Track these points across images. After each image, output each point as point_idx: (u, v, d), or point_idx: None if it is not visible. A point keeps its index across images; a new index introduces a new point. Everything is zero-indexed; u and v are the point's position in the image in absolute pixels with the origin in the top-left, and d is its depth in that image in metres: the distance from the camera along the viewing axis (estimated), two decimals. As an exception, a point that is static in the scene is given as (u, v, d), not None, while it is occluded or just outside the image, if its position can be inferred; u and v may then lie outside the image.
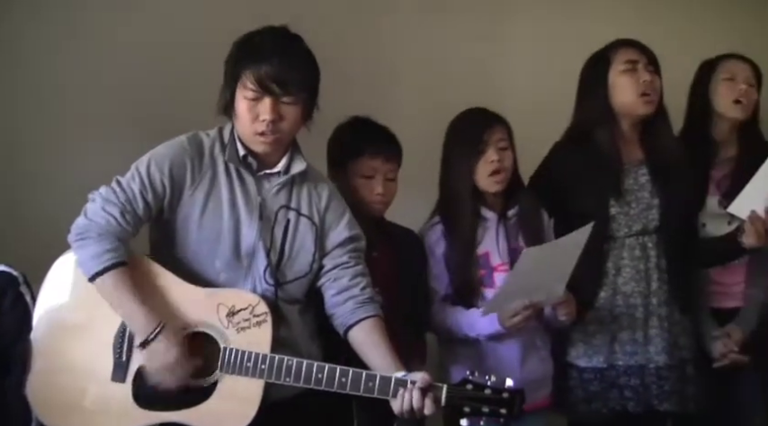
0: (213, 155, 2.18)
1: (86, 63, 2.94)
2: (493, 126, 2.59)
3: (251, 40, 2.14)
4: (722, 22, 3.82)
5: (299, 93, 2.11)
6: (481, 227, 2.62)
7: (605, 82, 2.72)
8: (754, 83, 2.95)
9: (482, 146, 2.57)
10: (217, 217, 2.14)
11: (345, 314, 2.20)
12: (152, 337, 2.02)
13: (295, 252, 2.20)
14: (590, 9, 3.63)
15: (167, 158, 2.14)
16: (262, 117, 2.10)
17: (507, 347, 2.57)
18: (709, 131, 2.97)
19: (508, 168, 2.59)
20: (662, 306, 2.69)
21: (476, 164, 2.57)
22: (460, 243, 2.59)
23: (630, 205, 2.70)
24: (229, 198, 2.15)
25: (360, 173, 2.52)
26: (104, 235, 2.07)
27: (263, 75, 2.07)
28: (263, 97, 2.09)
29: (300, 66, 2.13)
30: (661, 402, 2.66)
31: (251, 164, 2.18)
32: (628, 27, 3.35)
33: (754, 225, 2.56)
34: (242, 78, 2.10)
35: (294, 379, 2.03)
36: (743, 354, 2.85)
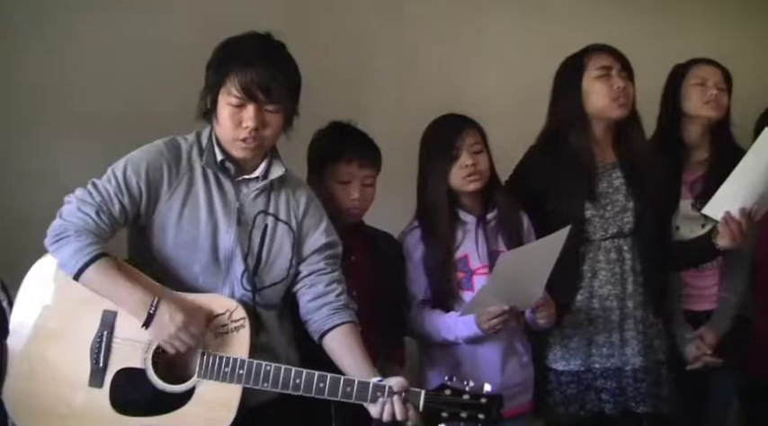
0: (191, 159, 2.17)
1: (68, 63, 2.91)
2: (465, 130, 2.60)
3: (235, 46, 2.14)
4: (694, 27, 3.86)
5: (282, 100, 2.11)
6: (461, 230, 2.63)
7: (579, 87, 2.74)
8: (725, 87, 2.98)
9: (455, 151, 2.58)
10: (194, 221, 2.13)
11: (320, 320, 2.20)
12: (153, 311, 2.01)
13: (272, 257, 2.19)
14: (562, 12, 3.65)
15: (144, 162, 2.13)
16: (245, 123, 2.10)
17: (487, 351, 2.59)
18: (681, 135, 3.01)
19: (484, 171, 2.60)
20: (637, 309, 2.71)
21: (450, 170, 2.58)
22: (438, 246, 2.60)
23: (605, 208, 2.72)
24: (207, 202, 2.15)
25: (336, 179, 2.52)
26: (82, 232, 2.05)
27: (249, 81, 2.07)
28: (247, 104, 2.09)
29: (285, 73, 2.13)
30: (638, 404, 2.68)
31: (229, 169, 2.17)
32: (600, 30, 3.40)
33: (729, 226, 2.58)
34: (226, 84, 2.09)
35: (272, 385, 2.03)
36: (716, 356, 2.88)
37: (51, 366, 2.10)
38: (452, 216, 2.62)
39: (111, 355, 2.07)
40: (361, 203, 2.56)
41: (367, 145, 2.59)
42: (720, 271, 2.98)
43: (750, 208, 2.55)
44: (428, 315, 2.60)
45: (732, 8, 4.02)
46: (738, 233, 2.58)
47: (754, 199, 2.54)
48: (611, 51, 2.77)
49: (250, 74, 2.07)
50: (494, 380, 2.47)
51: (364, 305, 2.45)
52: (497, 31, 3.54)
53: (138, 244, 2.17)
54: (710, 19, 3.92)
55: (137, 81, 2.95)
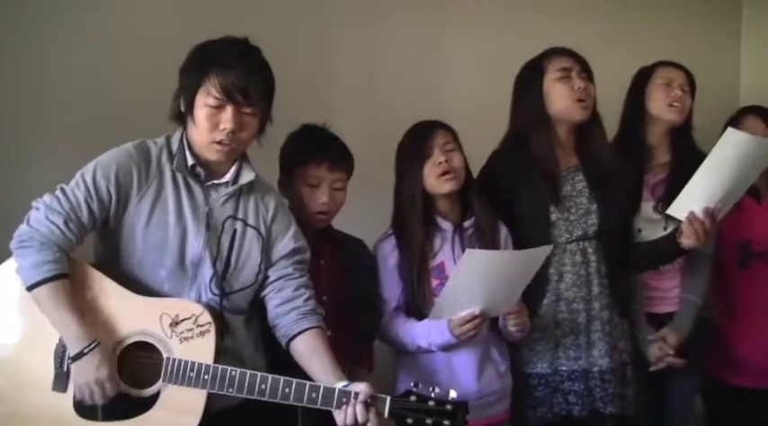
0: (160, 163, 2.16)
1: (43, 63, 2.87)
2: (436, 131, 2.61)
3: (214, 49, 2.13)
4: (656, 32, 3.90)
5: (260, 103, 2.12)
6: (439, 238, 2.62)
7: (540, 89, 2.76)
8: (688, 89, 3.02)
9: (427, 150, 2.58)
10: (163, 226, 2.12)
11: (288, 324, 2.20)
12: (86, 351, 2.00)
13: (241, 262, 2.19)
14: (530, 16, 3.67)
15: (113, 166, 2.11)
16: (222, 125, 2.09)
17: (462, 359, 2.58)
18: (643, 137, 3.04)
19: (457, 168, 2.59)
20: (603, 311, 2.73)
21: (423, 169, 2.58)
22: (413, 253, 2.58)
23: (570, 211, 2.73)
24: (176, 207, 2.13)
25: (305, 181, 2.51)
26: (46, 244, 2.04)
27: (229, 83, 2.06)
28: (226, 105, 2.08)
29: (262, 77, 2.13)
30: (605, 405, 2.70)
31: (199, 174, 2.16)
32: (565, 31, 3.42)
33: (693, 225, 2.61)
34: (205, 85, 2.08)
35: (237, 390, 2.03)
36: (678, 357, 2.92)
37: (15, 369, 2.08)
38: (429, 222, 2.61)
39: (74, 360, 2.05)
40: (330, 207, 2.53)
41: (338, 148, 2.57)
42: (682, 273, 3.02)
43: (713, 207, 2.57)
44: (402, 322, 2.58)
45: (694, 14, 4.06)
46: (702, 232, 2.60)
47: (717, 198, 2.57)
48: (570, 53, 2.79)
49: (230, 76, 2.07)
50: (470, 388, 2.53)
51: (333, 309, 2.47)
52: (468, 35, 3.54)
53: (105, 247, 2.16)
54: (673, 24, 3.96)
55: (110, 82, 2.91)
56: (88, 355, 2.01)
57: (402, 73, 3.39)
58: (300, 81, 3.07)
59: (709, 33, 4.15)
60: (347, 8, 3.31)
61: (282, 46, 2.96)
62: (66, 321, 2.02)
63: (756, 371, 2.95)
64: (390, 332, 2.60)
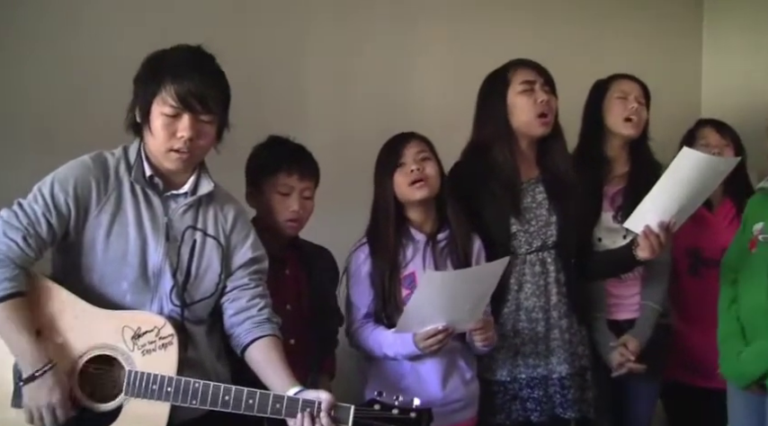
0: (119, 174, 2.14)
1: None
2: (409, 141, 2.63)
3: (169, 57, 2.12)
4: (613, 45, 3.95)
5: (217, 111, 2.11)
6: (411, 248, 2.63)
7: (504, 101, 2.78)
8: (644, 102, 3.07)
9: (400, 159, 2.60)
10: (123, 238, 2.11)
11: (242, 334, 2.19)
12: (38, 374, 1.98)
13: (201, 272, 2.18)
14: (500, 23, 3.71)
15: (71, 179, 2.09)
16: (179, 134, 2.09)
17: (428, 367, 2.59)
18: (602, 149, 3.09)
19: (430, 176, 2.61)
20: (562, 319, 2.77)
21: (395, 177, 2.60)
22: (384, 262, 2.60)
23: (530, 222, 2.76)
24: (135, 218, 2.12)
25: (276, 190, 2.53)
26: (4, 261, 2.01)
27: (186, 91, 2.06)
28: (182, 114, 2.08)
29: (218, 85, 2.13)
30: (565, 410, 2.73)
31: (157, 185, 2.15)
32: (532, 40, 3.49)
33: (649, 239, 2.64)
34: (161, 93, 2.07)
35: (201, 402, 2.02)
36: (639, 363, 2.95)
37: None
38: (401, 232, 2.63)
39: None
40: (301, 215, 2.56)
41: (306, 158, 2.61)
42: (642, 281, 3.07)
43: (668, 221, 2.61)
44: (371, 330, 2.60)
45: (655, 26, 4.12)
46: (657, 245, 2.64)
47: (672, 213, 2.61)
48: (533, 66, 2.81)
49: (186, 84, 2.07)
50: (435, 395, 2.55)
51: (296, 317, 2.49)
52: (437, 43, 3.57)
53: (64, 261, 2.14)
54: (635, 36, 4.02)
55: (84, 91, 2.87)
56: (40, 378, 1.98)
57: (371, 81, 3.40)
58: (269, 90, 3.08)
59: (671, 45, 4.22)
60: (317, 16, 3.31)
61: (251, 54, 3.01)
62: (21, 342, 1.99)
63: (713, 373, 3.00)
64: (359, 339, 2.62)
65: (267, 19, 3.20)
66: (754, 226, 2.89)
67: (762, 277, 2.80)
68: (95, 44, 2.85)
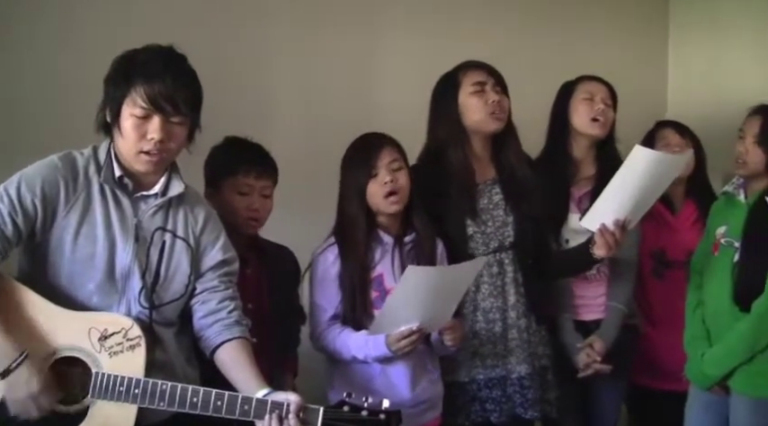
0: (88, 175, 2.12)
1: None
2: (383, 148, 2.61)
3: (139, 58, 2.10)
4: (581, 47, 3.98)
5: (187, 112, 2.10)
6: (379, 250, 2.63)
7: (456, 103, 2.80)
8: (611, 103, 3.10)
9: (374, 170, 2.59)
10: (91, 238, 2.09)
11: (211, 336, 2.19)
12: (14, 366, 1.96)
13: (171, 274, 2.17)
14: (467, 25, 3.71)
15: (39, 178, 2.07)
16: (150, 135, 2.07)
17: (397, 369, 2.59)
18: (569, 150, 3.11)
19: (403, 187, 2.61)
20: (521, 319, 2.78)
21: (368, 188, 2.59)
22: (354, 264, 2.59)
23: (486, 223, 2.78)
24: (104, 219, 2.10)
25: (235, 190, 2.54)
26: None
27: (156, 92, 2.04)
28: (153, 115, 2.06)
29: (189, 86, 2.11)
30: (526, 410, 2.75)
31: (127, 185, 2.14)
32: (496, 45, 3.50)
33: (604, 236, 2.65)
34: (131, 95, 2.05)
35: (168, 404, 2.01)
36: (605, 363, 2.99)
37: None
38: (370, 235, 2.62)
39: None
40: (261, 213, 2.57)
41: (263, 157, 2.62)
42: (608, 281, 3.10)
43: (623, 219, 2.63)
44: (339, 332, 2.59)
45: (622, 27, 4.16)
46: (613, 243, 2.65)
47: (627, 211, 2.62)
48: (484, 67, 2.84)
49: (156, 85, 2.05)
50: (405, 396, 2.55)
51: (258, 316, 2.49)
52: (400, 45, 3.57)
53: (30, 261, 2.11)
54: (596, 38, 4.05)
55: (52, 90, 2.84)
56: (16, 371, 1.96)
57: (338, 82, 3.40)
58: (234, 92, 3.07)
59: (637, 46, 4.25)
60: (283, 18, 3.30)
61: (216, 56, 2.98)
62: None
63: (675, 375, 3.04)
64: (326, 342, 2.61)
65: (234, 20, 3.19)
66: (717, 230, 2.94)
67: (724, 279, 2.84)
68: (60, 43, 2.83)
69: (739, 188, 2.93)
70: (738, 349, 2.79)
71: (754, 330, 2.76)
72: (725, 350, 2.82)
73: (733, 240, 2.86)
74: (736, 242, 2.85)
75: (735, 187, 2.94)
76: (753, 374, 2.80)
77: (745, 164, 2.89)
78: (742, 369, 2.80)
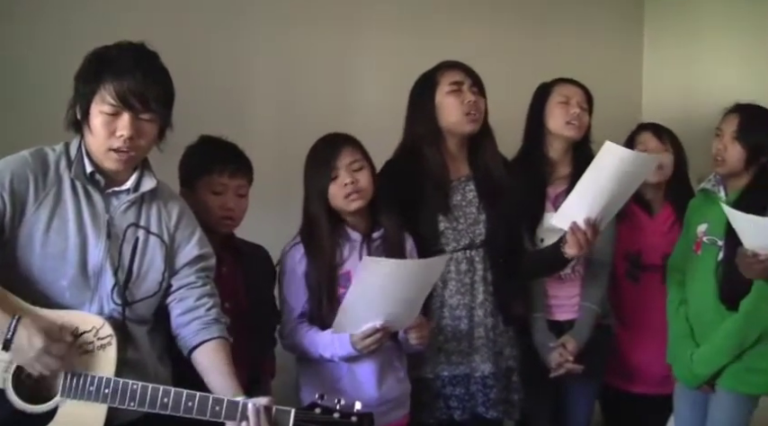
0: (59, 170, 2.09)
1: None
2: (342, 149, 2.61)
3: (109, 55, 2.07)
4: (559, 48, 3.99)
5: (158, 110, 2.08)
6: (347, 247, 2.64)
7: (433, 102, 2.81)
8: (586, 107, 3.11)
9: (334, 171, 2.59)
10: (62, 235, 2.06)
11: (189, 335, 2.17)
12: (10, 334, 1.93)
13: (144, 271, 2.15)
14: (439, 28, 3.70)
15: (7, 173, 2.04)
16: (119, 133, 2.05)
17: (365, 367, 2.60)
18: (545, 150, 3.12)
19: (364, 187, 2.61)
20: (487, 318, 2.79)
21: (329, 190, 2.59)
22: (321, 263, 2.60)
23: (458, 220, 2.79)
24: (75, 215, 2.08)
25: (210, 190, 2.52)
26: None
27: (126, 89, 2.02)
28: (122, 112, 2.04)
29: (160, 83, 2.09)
30: (487, 409, 2.76)
31: (99, 181, 2.11)
32: (474, 46, 3.49)
33: (576, 235, 2.66)
34: (100, 92, 2.03)
35: (139, 404, 1.99)
36: (577, 363, 3.00)
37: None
38: (338, 232, 2.62)
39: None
40: (236, 213, 2.56)
41: (238, 156, 2.61)
42: (581, 282, 3.11)
43: (594, 218, 2.63)
44: (307, 331, 2.60)
45: (597, 31, 4.17)
46: (584, 241, 2.65)
47: (598, 209, 2.62)
48: (462, 68, 2.85)
49: (126, 82, 2.02)
50: (372, 395, 2.56)
51: (234, 316, 2.45)
52: (377, 46, 3.56)
53: (1, 258, 2.06)
54: (572, 41, 4.06)
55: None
56: (16, 335, 1.93)
57: (314, 82, 3.38)
58: (210, 91, 3.06)
59: (612, 48, 4.27)
60: (260, 18, 3.28)
61: (193, 56, 2.96)
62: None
63: (648, 379, 3.07)
64: (294, 340, 2.61)
65: (210, 19, 3.17)
66: (698, 228, 2.96)
67: (708, 278, 2.87)
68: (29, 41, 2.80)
69: (718, 185, 2.95)
70: (727, 347, 2.83)
71: (742, 328, 2.81)
72: (714, 350, 2.85)
73: (716, 238, 2.89)
74: (719, 240, 2.88)
75: (713, 184, 2.96)
76: (740, 371, 2.85)
77: (723, 161, 2.91)
78: (730, 367, 2.85)
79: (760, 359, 2.83)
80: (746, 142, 2.86)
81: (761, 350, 2.83)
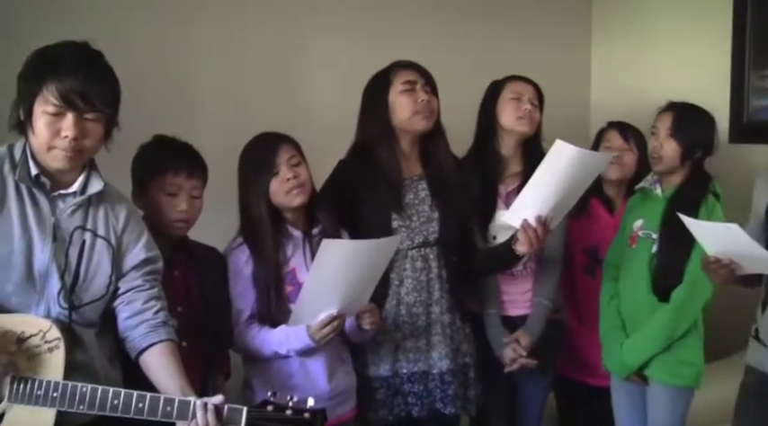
0: (2, 173, 2.06)
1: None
2: (281, 146, 2.62)
3: (52, 54, 2.05)
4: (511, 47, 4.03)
5: (103, 109, 2.05)
6: (290, 245, 2.65)
7: (386, 101, 2.82)
8: (537, 103, 3.15)
9: (275, 168, 2.60)
10: (7, 238, 2.03)
11: (137, 338, 2.15)
12: None
13: (91, 274, 2.12)
14: (395, 24, 3.72)
15: None
16: (63, 133, 2.02)
17: (315, 362, 2.62)
18: (497, 147, 3.15)
19: (305, 182, 2.63)
20: (444, 314, 2.81)
21: (271, 186, 2.60)
22: (266, 263, 2.60)
23: (412, 218, 2.80)
24: (20, 218, 2.05)
25: (164, 190, 2.49)
26: None
27: (68, 89, 1.99)
28: (66, 112, 2.01)
29: (105, 82, 2.07)
30: (445, 405, 2.78)
31: (44, 184, 2.08)
32: (428, 43, 3.51)
33: (527, 232, 2.68)
34: (43, 92, 2.00)
35: (88, 407, 1.97)
36: (531, 358, 3.03)
37: None
38: (279, 231, 2.63)
39: None
40: (189, 215, 2.53)
41: (192, 156, 2.58)
42: (534, 278, 3.13)
43: (546, 215, 2.66)
44: (257, 330, 2.60)
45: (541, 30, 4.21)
46: (535, 239, 2.67)
47: (549, 207, 2.64)
48: (415, 67, 2.86)
49: (69, 81, 2.00)
50: (323, 389, 2.58)
51: (188, 319, 2.46)
52: (330, 44, 3.57)
53: None
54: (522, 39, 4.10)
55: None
56: None
57: (263, 81, 3.37)
58: (162, 90, 3.04)
59: (561, 46, 4.32)
60: (207, 16, 3.26)
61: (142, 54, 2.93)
62: None
63: (605, 371, 3.11)
64: (245, 341, 2.61)
65: (159, 17, 3.14)
66: (635, 223, 3.01)
67: (642, 271, 2.92)
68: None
69: (655, 183, 3.00)
70: (658, 337, 2.88)
71: (673, 319, 2.86)
72: (644, 339, 2.90)
73: (651, 232, 2.94)
74: (653, 234, 2.93)
75: (651, 183, 3.02)
76: (669, 363, 2.90)
77: (660, 159, 2.96)
78: (659, 358, 2.90)
79: (688, 351, 2.90)
80: (681, 139, 2.92)
81: (689, 343, 2.90)
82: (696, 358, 2.92)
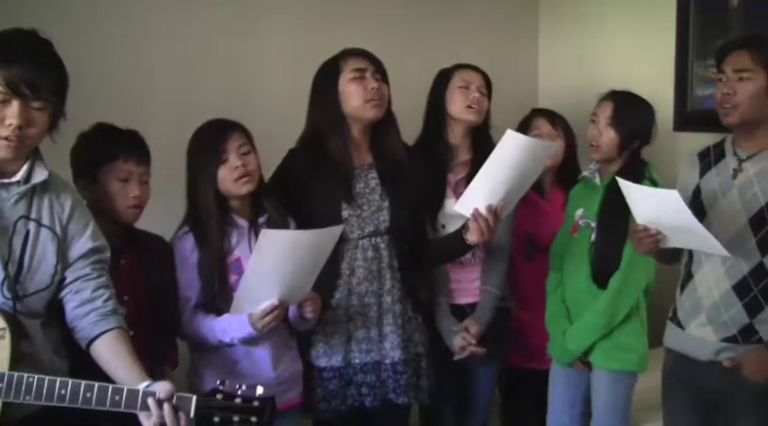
0: None
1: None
2: (231, 133, 2.62)
3: None
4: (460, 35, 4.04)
5: (49, 98, 2.02)
6: (236, 234, 2.65)
7: (335, 89, 2.81)
8: (486, 92, 3.18)
9: (224, 155, 2.59)
10: None
11: (87, 326, 2.13)
12: None
13: (35, 264, 2.09)
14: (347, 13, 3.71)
15: None
16: (8, 121, 1.99)
17: (261, 349, 2.63)
18: (445, 136, 3.17)
19: (254, 170, 2.63)
20: (396, 304, 2.82)
21: (219, 173, 2.59)
22: (211, 251, 2.60)
23: (362, 208, 2.80)
24: None
25: (115, 177, 2.47)
26: None
27: (14, 76, 1.96)
28: (11, 100, 1.98)
29: (53, 70, 2.04)
30: (398, 395, 2.79)
31: None
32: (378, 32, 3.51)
33: (477, 222, 2.68)
34: None
35: (35, 397, 1.94)
36: (479, 346, 3.06)
37: None
38: (225, 220, 2.63)
39: None
40: (142, 200, 2.53)
41: (140, 142, 2.57)
42: (482, 267, 3.17)
43: (496, 205, 2.67)
44: (203, 318, 2.60)
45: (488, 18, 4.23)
46: (486, 228, 2.68)
47: (500, 196, 2.66)
48: (365, 55, 2.86)
49: (15, 69, 1.97)
50: (268, 376, 2.59)
51: (135, 308, 2.45)
52: (282, 32, 3.54)
53: None
54: (469, 28, 4.11)
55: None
56: None
57: (211, 68, 3.35)
58: (107, 79, 3.00)
59: (509, 34, 4.33)
60: (157, 4, 3.22)
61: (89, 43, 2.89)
62: None
63: (543, 356, 3.16)
64: (191, 329, 2.61)
65: (106, 6, 3.10)
66: (576, 212, 3.06)
67: (582, 259, 2.98)
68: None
69: (595, 172, 3.04)
70: (597, 324, 2.93)
71: (610, 306, 2.91)
72: (584, 326, 2.96)
73: (590, 221, 2.99)
74: (592, 222, 2.98)
75: (591, 172, 3.06)
76: (610, 348, 2.95)
77: (598, 147, 2.99)
78: (600, 345, 2.95)
79: (628, 336, 2.95)
80: (619, 128, 2.95)
81: (629, 328, 2.95)
82: (637, 342, 2.97)
